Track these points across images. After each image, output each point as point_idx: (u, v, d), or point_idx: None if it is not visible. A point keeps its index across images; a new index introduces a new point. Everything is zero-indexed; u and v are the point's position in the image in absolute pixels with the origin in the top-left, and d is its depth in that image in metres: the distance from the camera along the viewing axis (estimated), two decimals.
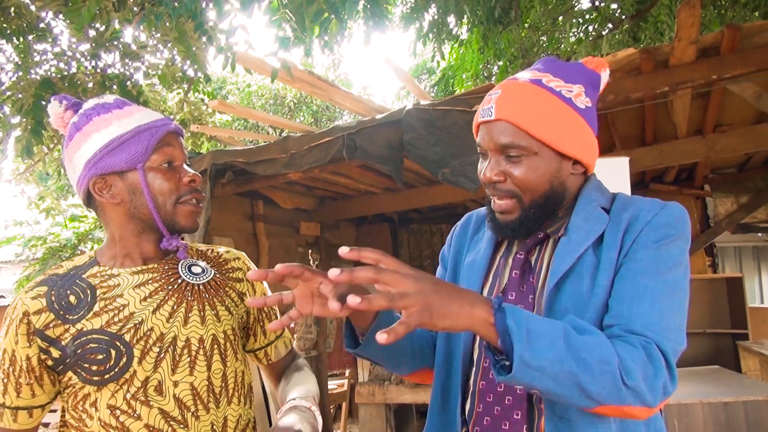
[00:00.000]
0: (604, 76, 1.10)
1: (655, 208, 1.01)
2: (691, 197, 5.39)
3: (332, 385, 5.53)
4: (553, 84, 1.03)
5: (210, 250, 1.31)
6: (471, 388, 1.07)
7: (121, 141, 1.11)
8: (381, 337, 0.74)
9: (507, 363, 0.82)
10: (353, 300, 0.74)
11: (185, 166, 1.19)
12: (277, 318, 1.32)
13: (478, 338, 1.09)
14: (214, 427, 1.12)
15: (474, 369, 1.08)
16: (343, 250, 0.79)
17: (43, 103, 3.73)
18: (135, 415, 1.05)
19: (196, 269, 1.22)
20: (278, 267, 0.90)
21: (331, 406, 5.42)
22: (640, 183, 5.29)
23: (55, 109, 1.18)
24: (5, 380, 1.08)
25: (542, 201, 1.03)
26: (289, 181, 4.16)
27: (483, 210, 1.25)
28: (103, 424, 1.06)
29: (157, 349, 1.08)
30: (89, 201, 1.17)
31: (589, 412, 0.91)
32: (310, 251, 5.55)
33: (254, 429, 1.24)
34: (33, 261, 7.43)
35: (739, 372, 4.44)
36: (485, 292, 1.10)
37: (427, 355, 1.20)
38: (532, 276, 1.06)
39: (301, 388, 1.20)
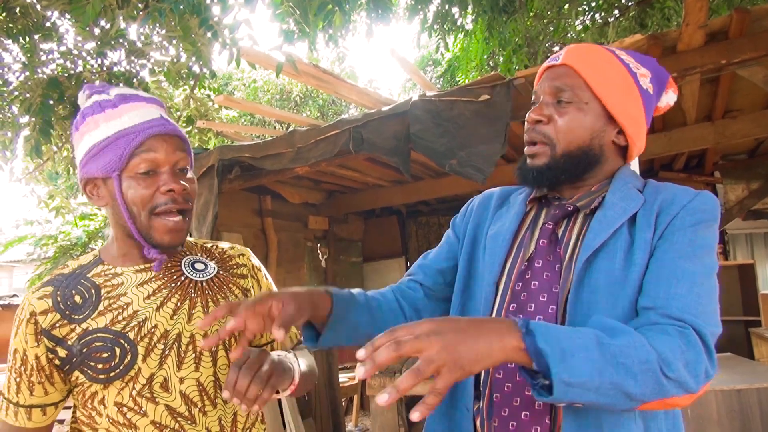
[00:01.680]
0: (672, 97, 1.14)
1: (690, 194, 1.02)
2: (701, 184, 5.34)
3: (343, 378, 5.54)
4: (624, 57, 1.07)
5: (214, 247, 1.31)
6: (482, 377, 1.06)
7: (101, 148, 1.07)
8: (414, 415, 0.72)
9: (546, 382, 0.80)
10: (363, 372, 0.73)
11: (175, 173, 1.11)
12: None
13: (496, 306, 1.08)
14: (222, 422, 1.13)
15: None
16: (360, 354, 0.77)
17: (51, 102, 3.75)
18: (141, 411, 1.06)
19: (199, 266, 1.21)
20: (214, 311, 0.94)
21: (343, 399, 5.44)
22: (649, 171, 5.25)
23: (81, 98, 1.16)
24: (18, 379, 1.09)
25: (577, 153, 1.05)
26: (296, 176, 4.16)
27: (507, 188, 1.26)
28: (111, 421, 1.07)
29: (162, 346, 1.08)
30: None
31: None
32: (318, 245, 5.56)
33: (262, 421, 1.24)
34: (44, 260, 7.48)
35: (752, 359, 4.42)
36: (508, 264, 1.09)
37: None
38: (559, 248, 1.05)
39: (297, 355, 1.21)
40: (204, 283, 1.19)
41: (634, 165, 2.53)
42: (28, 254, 9.11)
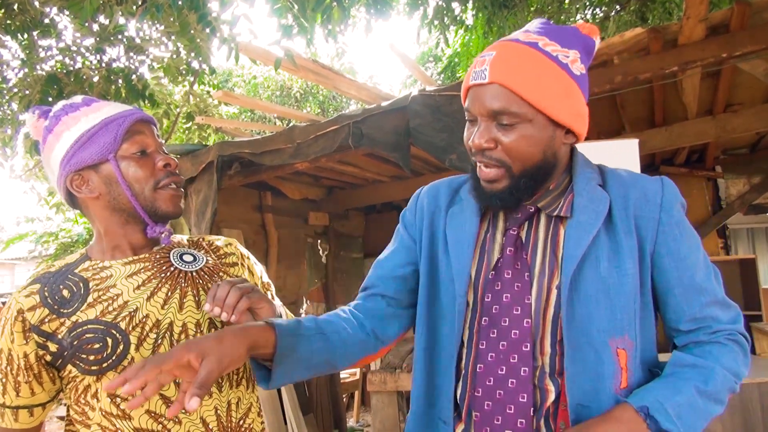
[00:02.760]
0: (596, 43, 1.06)
1: (656, 188, 1.03)
2: (703, 179, 5.33)
3: (344, 374, 5.55)
4: (550, 48, 0.97)
5: (201, 239, 1.32)
6: (463, 371, 1.04)
7: (90, 135, 1.11)
8: None
9: None
10: None
11: (162, 152, 1.18)
12: (271, 296, 1.32)
13: (468, 319, 1.06)
14: (218, 411, 1.13)
15: (466, 351, 1.05)
16: None
17: (50, 99, 3.74)
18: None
19: (187, 258, 1.22)
20: (124, 373, 0.84)
21: (344, 395, 5.44)
22: (650, 165, 5.23)
23: (30, 119, 1.20)
24: (4, 380, 1.08)
25: (533, 171, 0.99)
26: (296, 172, 4.15)
27: (453, 180, 1.20)
28: (104, 413, 1.06)
29: (154, 336, 1.08)
30: (72, 201, 1.18)
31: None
32: (319, 241, 5.56)
33: (259, 414, 1.24)
34: (45, 257, 7.50)
35: (753, 353, 4.41)
36: (474, 270, 1.06)
37: (364, 343, 1.12)
38: (525, 253, 1.03)
39: None
40: (194, 273, 1.20)
41: (635, 162, 2.51)
42: (30, 251, 9.14)
